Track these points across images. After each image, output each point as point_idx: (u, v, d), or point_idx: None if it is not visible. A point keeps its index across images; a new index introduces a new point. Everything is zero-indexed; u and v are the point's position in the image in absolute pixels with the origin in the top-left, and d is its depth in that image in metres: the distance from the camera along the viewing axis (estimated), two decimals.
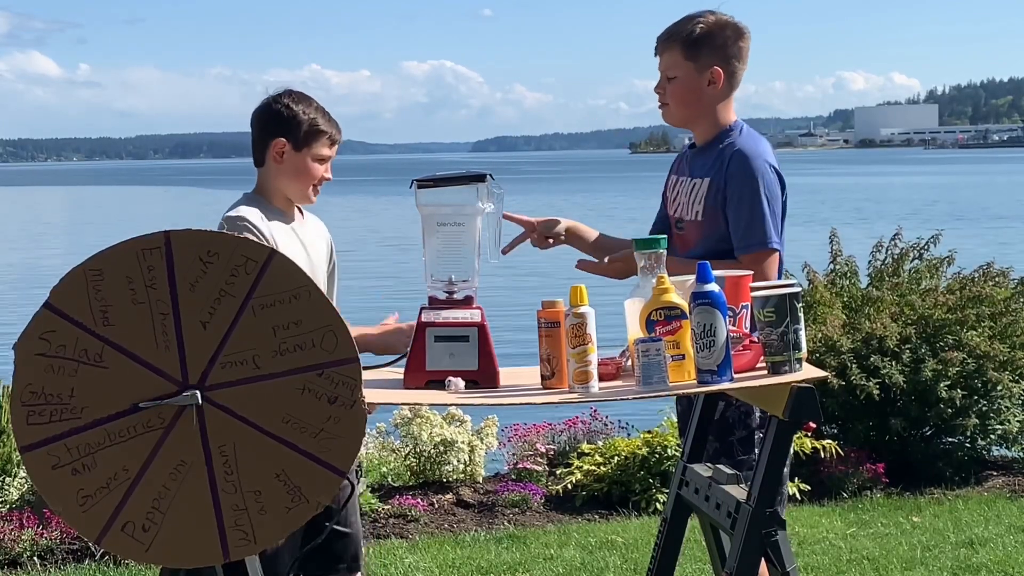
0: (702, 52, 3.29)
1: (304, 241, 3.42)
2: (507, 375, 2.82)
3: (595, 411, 6.86)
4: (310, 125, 3.36)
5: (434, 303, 2.84)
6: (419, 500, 6.00)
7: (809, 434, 6.21)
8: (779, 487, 2.74)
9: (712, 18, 3.32)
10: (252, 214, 3.30)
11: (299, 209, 3.50)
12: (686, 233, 3.32)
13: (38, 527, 5.34)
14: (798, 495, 6.11)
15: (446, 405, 5.69)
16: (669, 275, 2.70)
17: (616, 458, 6.18)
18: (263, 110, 3.40)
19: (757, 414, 3.23)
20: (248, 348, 2.39)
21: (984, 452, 6.84)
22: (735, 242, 3.22)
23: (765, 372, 2.69)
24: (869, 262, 7.12)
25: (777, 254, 3.22)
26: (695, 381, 2.64)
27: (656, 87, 3.38)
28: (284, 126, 3.35)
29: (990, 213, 36.08)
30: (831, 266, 7.14)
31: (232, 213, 3.31)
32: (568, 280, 3.46)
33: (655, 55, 3.37)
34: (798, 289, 2.71)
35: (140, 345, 2.38)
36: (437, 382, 2.75)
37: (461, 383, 2.73)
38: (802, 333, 2.68)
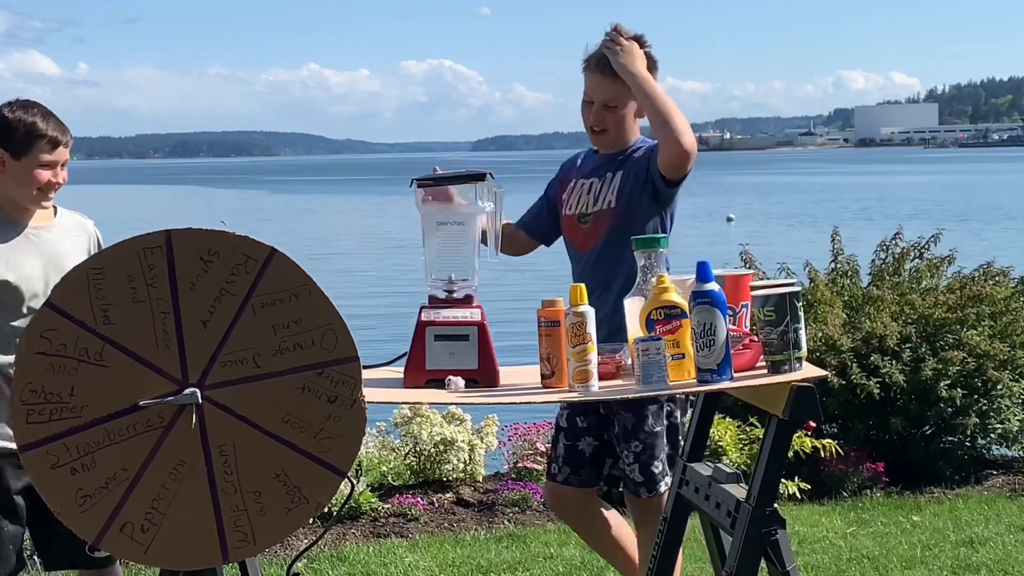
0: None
1: (42, 245, 3.36)
2: (507, 374, 2.82)
3: None
4: (26, 131, 3.30)
5: (434, 302, 2.84)
6: (419, 499, 5.99)
7: (809, 433, 6.21)
8: (779, 486, 2.76)
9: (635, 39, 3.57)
10: None
11: (55, 208, 3.44)
12: (591, 225, 3.59)
13: None
14: (798, 494, 6.12)
15: (446, 404, 5.68)
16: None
17: None
18: None
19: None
20: (248, 347, 2.39)
21: (984, 451, 6.83)
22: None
23: (765, 371, 2.70)
24: (873, 261, 7.12)
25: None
26: (695, 380, 2.64)
27: (592, 115, 3.59)
28: (1, 136, 3.30)
29: (1002, 213, 36.06)
30: (832, 265, 7.13)
31: None
32: (568, 279, 3.47)
33: (586, 78, 3.58)
34: (798, 288, 2.71)
35: (140, 344, 2.38)
36: (437, 381, 2.75)
37: (461, 382, 2.73)
38: (802, 332, 2.68)
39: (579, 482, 3.69)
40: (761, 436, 4.77)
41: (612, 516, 3.76)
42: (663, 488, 3.57)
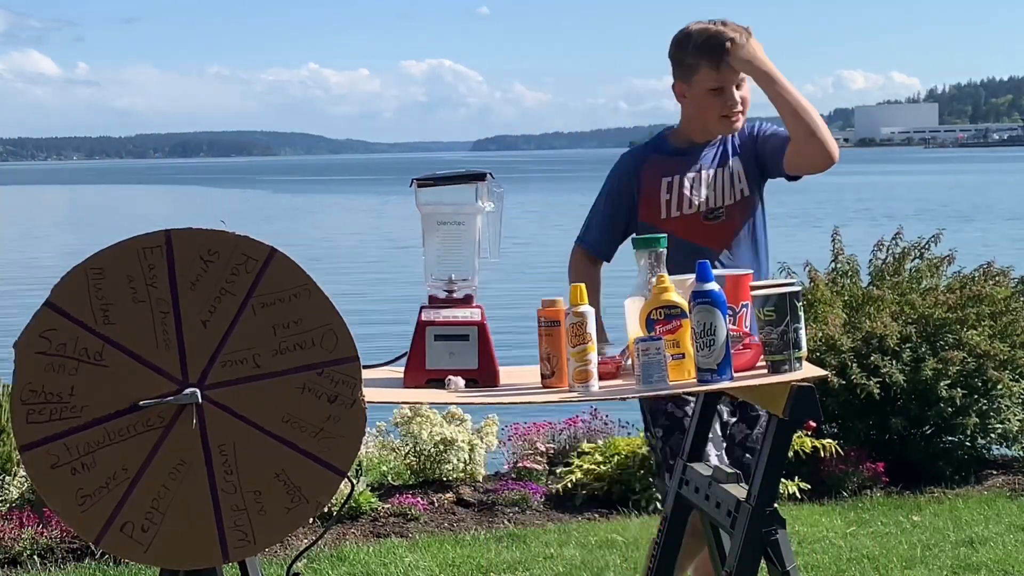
0: None
1: None
2: (507, 374, 2.82)
3: (595, 410, 6.86)
4: None
5: (434, 302, 2.84)
6: (419, 499, 5.99)
7: (809, 433, 6.21)
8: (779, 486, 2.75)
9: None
10: None
11: None
12: (725, 219, 3.45)
13: (38, 526, 5.34)
14: (798, 494, 6.11)
15: (446, 404, 5.69)
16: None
17: (616, 457, 6.17)
18: None
19: None
20: (248, 347, 2.39)
21: (984, 451, 6.83)
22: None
23: (765, 371, 2.70)
24: (870, 261, 7.12)
25: None
26: (695, 380, 2.64)
27: (729, 101, 3.41)
28: None
29: (1004, 213, 36.04)
30: (832, 265, 7.13)
31: None
32: (567, 279, 3.46)
33: (696, 62, 3.40)
34: (798, 288, 2.71)
35: (140, 344, 2.38)
36: (437, 381, 2.75)
37: (461, 382, 2.73)
38: (802, 332, 2.68)
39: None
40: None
41: None
42: None
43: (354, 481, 3.98)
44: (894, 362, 6.23)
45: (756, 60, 3.34)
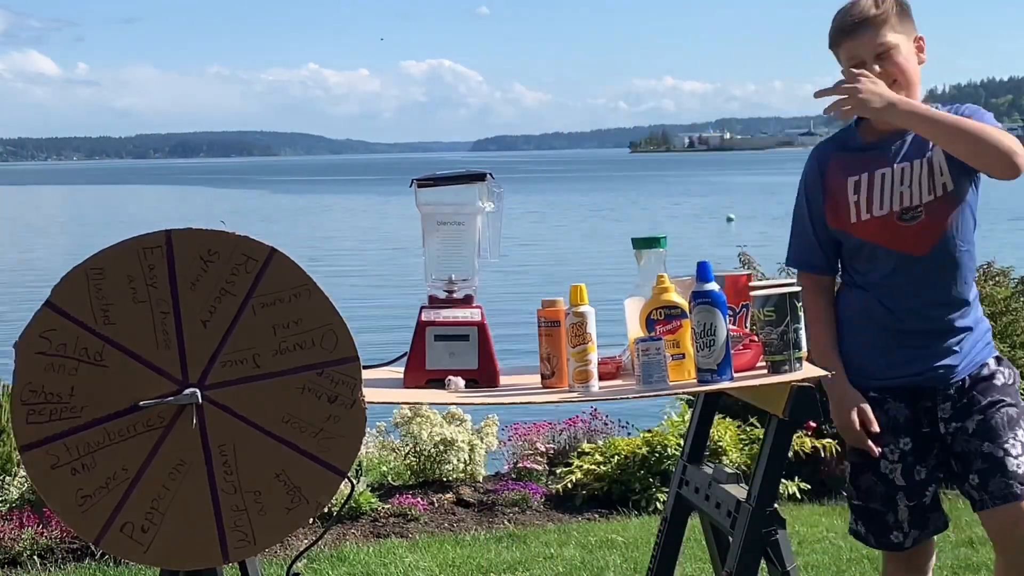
0: (911, 18, 3.05)
1: None
2: (507, 374, 2.83)
3: (595, 410, 6.86)
4: None
5: (434, 302, 2.84)
6: (419, 499, 5.99)
7: (809, 433, 6.21)
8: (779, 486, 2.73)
9: None
10: None
11: None
12: (925, 218, 2.99)
13: (38, 526, 5.34)
14: (798, 494, 6.11)
15: (446, 404, 5.69)
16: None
17: (616, 457, 6.17)
18: None
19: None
20: (248, 347, 2.39)
21: None
22: None
23: (765, 371, 2.70)
24: None
25: None
26: (695, 380, 2.65)
27: (863, 69, 2.93)
28: None
29: (1004, 214, 36.06)
30: None
31: None
32: (568, 279, 3.46)
33: (837, 44, 3.05)
34: (798, 289, 2.72)
35: (141, 344, 2.38)
36: (437, 381, 2.75)
37: (461, 382, 2.73)
38: (802, 332, 2.68)
39: (930, 534, 3.25)
40: (761, 436, 4.77)
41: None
42: None
43: (354, 481, 3.99)
44: None
45: (869, 107, 2.89)
